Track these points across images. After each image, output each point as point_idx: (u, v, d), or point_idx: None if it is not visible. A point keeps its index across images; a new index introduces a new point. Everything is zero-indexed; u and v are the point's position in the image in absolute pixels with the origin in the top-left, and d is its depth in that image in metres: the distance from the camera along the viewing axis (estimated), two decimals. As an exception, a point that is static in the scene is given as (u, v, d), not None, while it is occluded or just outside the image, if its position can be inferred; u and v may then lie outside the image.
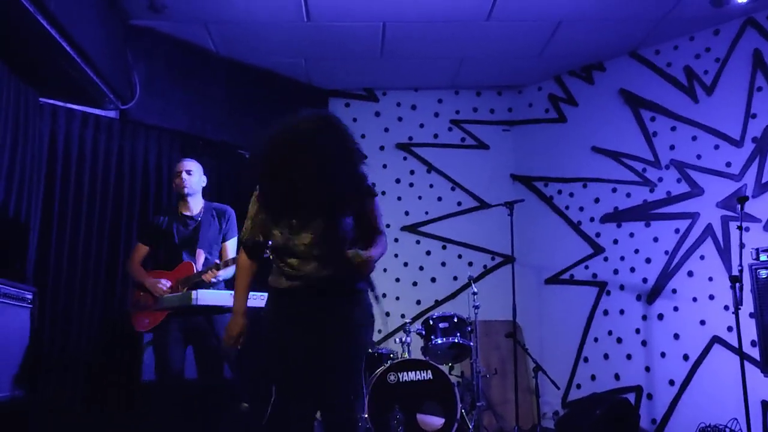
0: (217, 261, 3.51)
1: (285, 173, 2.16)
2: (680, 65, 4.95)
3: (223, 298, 3.21)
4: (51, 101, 4.21)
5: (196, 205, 3.70)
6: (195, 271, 3.52)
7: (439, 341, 4.42)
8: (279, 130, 2.24)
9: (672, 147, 4.93)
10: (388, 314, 5.49)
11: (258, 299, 3.22)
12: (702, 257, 4.66)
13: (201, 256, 3.59)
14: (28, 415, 3.46)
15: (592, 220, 5.32)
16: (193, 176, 3.68)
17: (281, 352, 2.32)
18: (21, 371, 3.27)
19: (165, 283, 3.52)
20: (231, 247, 3.72)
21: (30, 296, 3.42)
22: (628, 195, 5.12)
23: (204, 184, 3.76)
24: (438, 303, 5.61)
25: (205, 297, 3.14)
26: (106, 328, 4.22)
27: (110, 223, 4.39)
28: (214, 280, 3.42)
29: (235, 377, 3.46)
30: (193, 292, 3.11)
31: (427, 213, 5.78)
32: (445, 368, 4.32)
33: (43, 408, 3.80)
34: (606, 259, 5.20)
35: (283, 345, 2.32)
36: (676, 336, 4.72)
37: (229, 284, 3.60)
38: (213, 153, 4.95)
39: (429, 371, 4.15)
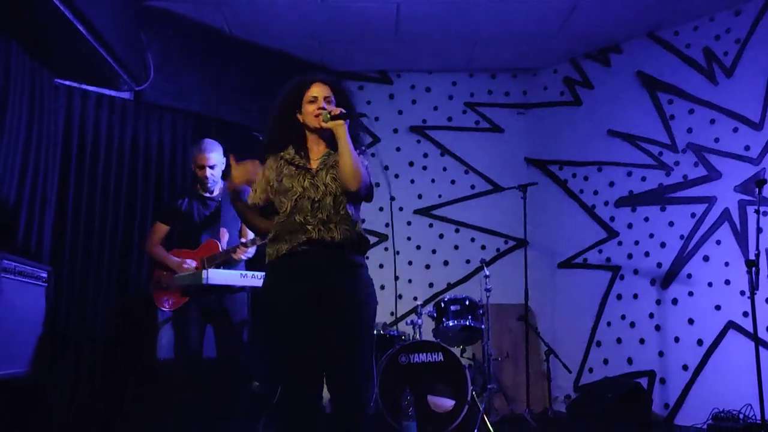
0: (244, 240, 3.51)
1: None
2: (699, 47, 4.87)
3: (233, 278, 3.23)
4: (66, 82, 4.22)
5: (215, 186, 3.72)
6: (220, 250, 3.54)
7: (451, 323, 4.42)
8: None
9: (689, 130, 4.86)
10: (400, 297, 5.49)
11: (259, 279, 3.26)
12: (718, 242, 4.60)
13: (225, 235, 3.62)
14: (43, 392, 3.52)
15: (606, 203, 5.27)
16: (216, 169, 3.66)
17: (285, 324, 2.29)
18: (36, 348, 3.32)
19: (190, 263, 3.53)
20: None
21: (45, 275, 3.46)
22: (644, 179, 5.07)
23: (224, 167, 3.73)
24: (450, 286, 5.61)
25: (215, 276, 3.15)
26: (121, 307, 4.26)
27: (125, 202, 4.42)
28: (243, 257, 3.46)
29: (247, 356, 3.49)
30: (204, 272, 3.13)
31: (440, 196, 5.76)
32: (456, 350, 4.32)
33: (59, 385, 3.88)
34: (620, 243, 5.15)
35: (287, 315, 2.29)
36: (691, 321, 4.68)
37: (247, 264, 3.64)
38: (226, 134, 4.94)
39: (440, 353, 4.15)
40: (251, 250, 3.52)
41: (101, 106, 4.39)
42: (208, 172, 3.63)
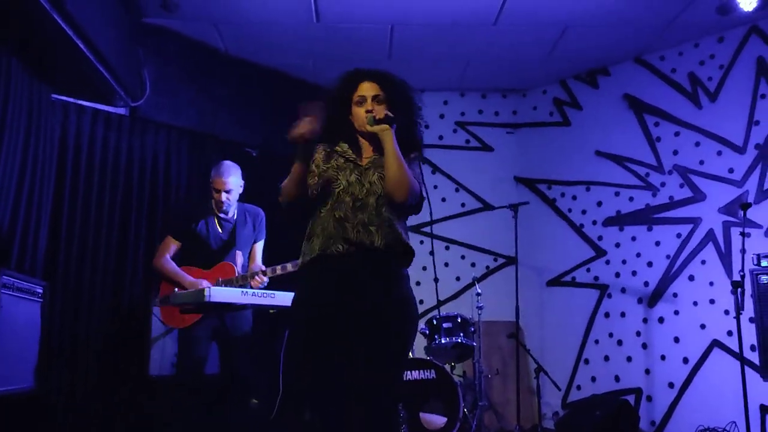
0: (263, 267, 3.49)
1: None
2: (684, 71, 5.01)
3: (235, 295, 3.25)
4: (63, 98, 4.24)
5: (230, 208, 3.70)
6: (236, 273, 3.54)
7: (443, 341, 4.47)
8: None
9: (675, 152, 4.98)
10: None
11: (268, 297, 3.29)
12: (703, 262, 4.71)
13: (240, 258, 3.60)
14: (38, 407, 3.51)
15: (594, 223, 5.37)
16: (233, 193, 3.63)
17: (314, 341, 2.09)
18: (32, 364, 3.31)
19: (206, 285, 3.45)
20: (259, 249, 3.76)
21: (40, 290, 3.47)
22: (631, 199, 5.18)
23: (241, 190, 3.71)
24: (440, 303, 5.64)
25: (217, 294, 3.16)
26: (115, 323, 4.25)
27: (119, 218, 4.42)
28: (261, 285, 3.43)
29: (248, 372, 3.51)
30: (207, 289, 3.14)
31: (431, 213, 5.79)
32: (447, 368, 4.36)
33: (53, 400, 3.86)
34: (608, 262, 5.25)
35: (317, 332, 2.08)
36: (677, 339, 4.77)
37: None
38: (221, 151, 4.99)
39: (432, 370, 4.19)
40: (267, 279, 3.51)
41: (97, 122, 4.40)
42: (224, 196, 3.59)
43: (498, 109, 5.99)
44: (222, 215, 3.68)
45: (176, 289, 3.54)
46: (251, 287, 3.47)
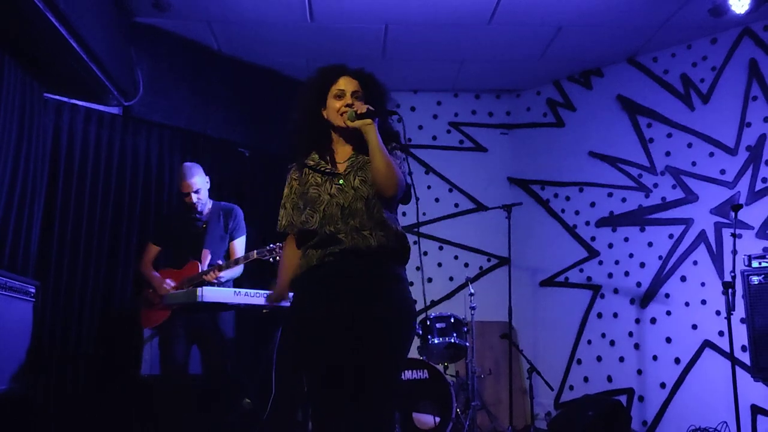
0: (220, 261, 3.54)
1: None
2: (677, 73, 5.03)
3: (227, 295, 3.25)
4: (55, 96, 4.23)
5: (205, 207, 3.75)
6: (199, 271, 3.56)
7: (436, 341, 4.47)
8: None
9: (667, 153, 5.00)
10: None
11: (261, 297, 3.29)
12: (695, 263, 4.73)
13: (207, 257, 3.64)
14: (29, 407, 3.49)
15: (587, 224, 5.39)
16: (201, 192, 3.68)
17: (314, 346, 2.07)
18: (23, 364, 3.30)
19: (169, 283, 3.60)
20: (239, 245, 3.77)
21: (33, 290, 3.45)
22: (624, 200, 5.19)
23: (209, 186, 3.77)
24: (434, 303, 5.67)
25: (209, 294, 3.17)
26: (107, 323, 4.24)
27: (111, 218, 4.41)
28: (215, 281, 3.46)
29: (239, 373, 3.51)
30: (198, 290, 3.14)
31: (424, 214, 5.82)
32: (440, 368, 4.37)
33: (44, 400, 3.84)
34: (601, 262, 5.27)
35: (316, 337, 2.06)
36: (668, 340, 4.79)
37: (236, 282, 3.67)
38: (214, 151, 5.00)
39: (425, 370, 4.20)
40: (231, 272, 3.55)
41: (90, 121, 4.39)
42: (194, 197, 3.66)
43: (492, 110, 6.00)
44: (197, 215, 3.71)
45: (152, 291, 3.64)
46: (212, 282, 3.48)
